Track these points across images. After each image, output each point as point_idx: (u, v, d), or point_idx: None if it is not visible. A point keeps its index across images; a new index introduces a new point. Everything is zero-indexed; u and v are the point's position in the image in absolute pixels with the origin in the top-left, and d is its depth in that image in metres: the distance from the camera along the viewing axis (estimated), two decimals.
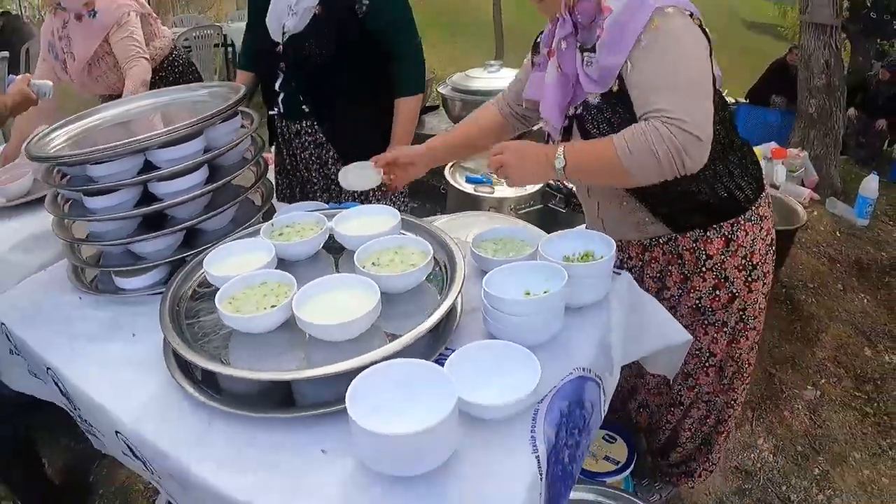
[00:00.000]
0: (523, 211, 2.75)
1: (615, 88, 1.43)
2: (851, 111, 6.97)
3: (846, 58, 8.55)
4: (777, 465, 2.47)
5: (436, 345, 1.22)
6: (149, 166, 1.59)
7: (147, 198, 1.62)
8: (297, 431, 1.09)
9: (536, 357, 1.07)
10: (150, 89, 2.72)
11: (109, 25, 2.79)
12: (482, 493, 0.94)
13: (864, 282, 3.83)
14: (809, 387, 2.90)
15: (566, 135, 1.60)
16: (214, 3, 16.24)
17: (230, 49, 8.06)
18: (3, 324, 1.66)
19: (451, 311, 1.28)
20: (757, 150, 4.79)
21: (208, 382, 1.24)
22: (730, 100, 7.29)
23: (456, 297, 1.23)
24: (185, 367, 1.28)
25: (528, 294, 1.24)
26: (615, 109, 1.45)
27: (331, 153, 2.34)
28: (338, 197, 2.41)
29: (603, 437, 2.10)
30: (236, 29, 7.55)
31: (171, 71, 3.16)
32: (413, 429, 0.87)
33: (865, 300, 3.63)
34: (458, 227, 2.15)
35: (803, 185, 4.99)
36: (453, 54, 13.81)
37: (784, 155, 5.01)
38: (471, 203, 2.87)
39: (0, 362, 1.82)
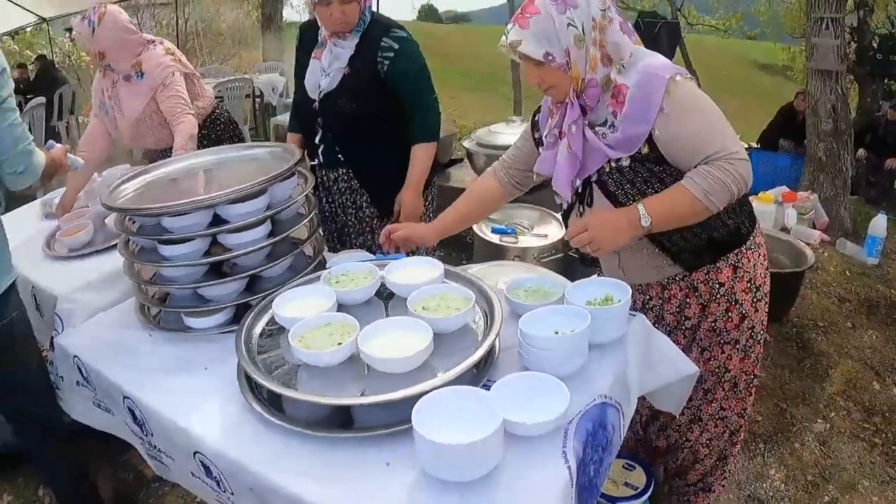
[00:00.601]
0: (545, 259, 2.93)
1: (645, 151, 1.67)
2: (861, 151, 7.14)
3: (854, 99, 8.76)
4: (788, 494, 2.62)
5: (479, 377, 1.42)
6: (217, 219, 1.81)
7: (213, 246, 1.84)
8: (363, 448, 1.29)
9: (565, 385, 1.27)
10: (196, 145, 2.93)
11: (156, 86, 2.93)
12: (523, 497, 1.14)
13: (873, 319, 3.99)
14: (819, 420, 3.04)
15: (582, 199, 1.84)
16: (236, 53, 16.83)
17: (258, 100, 8.42)
18: (76, 356, 1.86)
19: (491, 349, 1.48)
20: (768, 194, 4.98)
21: (277, 407, 1.44)
22: (742, 144, 7.51)
23: (496, 337, 1.45)
24: (259, 395, 1.48)
25: (557, 333, 1.44)
26: (637, 170, 1.70)
27: (364, 197, 2.61)
28: (371, 241, 2.67)
29: (623, 466, 2.27)
30: (265, 81, 7.92)
31: (213, 128, 3.32)
32: (467, 440, 1.08)
33: (874, 336, 3.78)
34: (488, 275, 2.34)
35: (814, 227, 5.15)
36: (475, 105, 14.21)
37: (794, 198, 5.16)
38: (496, 252, 3.05)
39: (64, 392, 2.03)
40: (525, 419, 1.21)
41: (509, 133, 3.96)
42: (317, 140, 2.58)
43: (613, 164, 1.72)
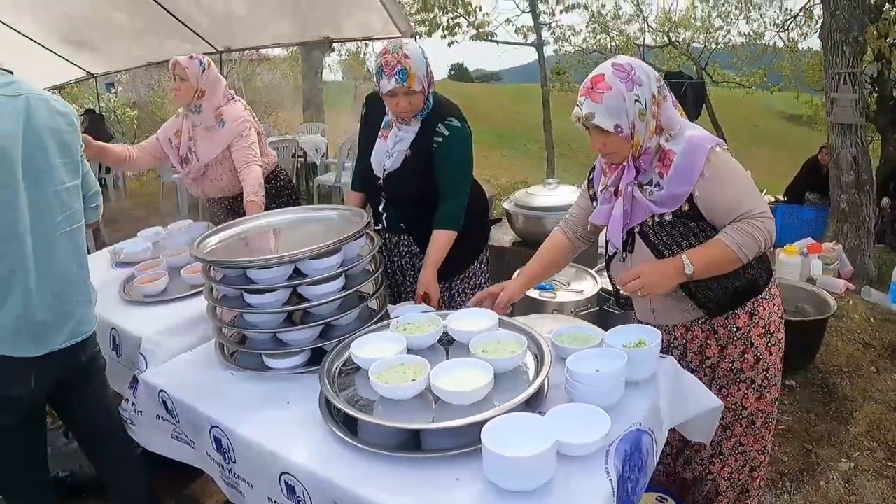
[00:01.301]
0: (582, 313, 3.14)
1: (685, 208, 1.97)
2: (885, 200, 7.26)
3: (878, 149, 8.89)
4: None
5: (530, 409, 1.66)
6: (296, 272, 2.07)
7: (290, 296, 2.10)
8: (434, 467, 1.53)
9: (606, 414, 1.53)
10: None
11: (234, 136, 3.25)
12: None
13: None
14: (844, 459, 3.19)
15: (625, 246, 2.12)
16: (272, 112, 17.49)
17: (301, 159, 8.83)
18: (162, 391, 2.10)
19: (542, 384, 1.73)
20: (793, 246, 5.16)
21: (354, 434, 1.68)
22: (769, 198, 7.68)
23: (547, 373, 1.71)
24: (339, 423, 1.72)
25: (598, 370, 1.70)
26: (676, 224, 1.99)
27: (422, 261, 2.83)
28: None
29: (656, 499, 2.46)
30: (308, 141, 8.34)
31: (273, 185, 3.59)
32: (529, 453, 1.33)
33: None
34: (532, 326, 2.59)
35: (839, 277, 5.31)
36: (507, 163, 14.59)
37: (819, 249, 5.32)
38: (536, 306, 3.23)
39: (141, 427, 2.27)
40: (574, 440, 1.46)
41: (546, 194, 4.20)
42: (381, 209, 2.85)
43: (657, 219, 2.01)
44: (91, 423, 2.31)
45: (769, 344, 2.14)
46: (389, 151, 2.71)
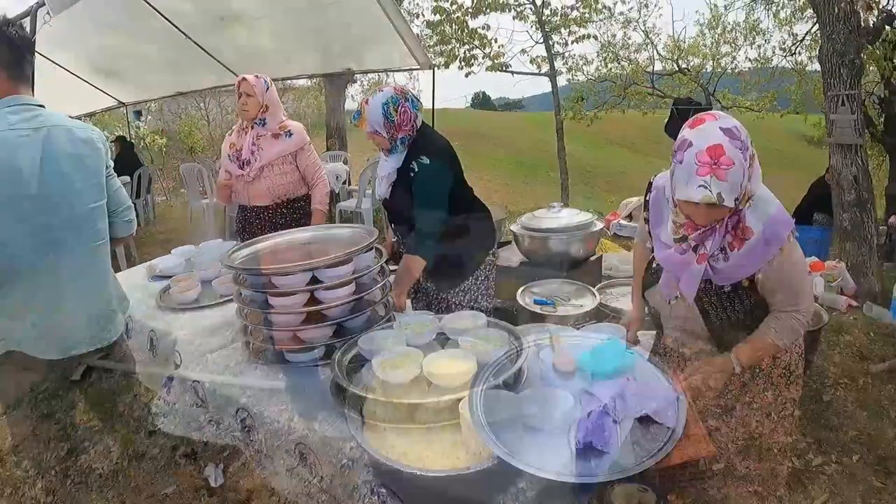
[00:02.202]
0: (581, 327, 3.37)
1: (745, 284, 2.06)
2: (893, 219, 7.37)
3: (887, 168, 8.97)
4: None
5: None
6: (314, 279, 2.35)
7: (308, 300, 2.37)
8: (423, 436, 1.79)
9: (571, 396, 1.79)
10: None
11: (300, 145, 3.72)
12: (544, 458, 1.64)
13: (892, 374, 4.22)
14: (831, 464, 3.33)
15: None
16: None
17: None
18: (196, 381, 2.41)
19: (520, 370, 1.99)
20: None
21: (357, 410, 1.95)
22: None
23: (523, 363, 1.96)
24: (345, 403, 1.99)
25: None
26: (730, 295, 2.09)
27: (423, 274, 3.07)
28: (426, 296, 3.20)
29: (638, 489, 2.57)
30: (330, 169, 8.64)
31: (302, 207, 3.91)
32: (495, 420, 1.62)
33: (893, 389, 4.03)
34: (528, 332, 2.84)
35: (842, 294, 5.44)
36: (527, 190, 14.77)
37: (822, 268, 5.41)
38: (538, 320, 3.47)
39: (176, 417, 2.54)
40: (541, 414, 1.72)
41: (550, 218, 4.46)
42: (392, 226, 3.16)
43: (714, 287, 2.10)
44: (119, 414, 2.59)
45: (788, 382, 2.27)
46: (380, 181, 3.00)
